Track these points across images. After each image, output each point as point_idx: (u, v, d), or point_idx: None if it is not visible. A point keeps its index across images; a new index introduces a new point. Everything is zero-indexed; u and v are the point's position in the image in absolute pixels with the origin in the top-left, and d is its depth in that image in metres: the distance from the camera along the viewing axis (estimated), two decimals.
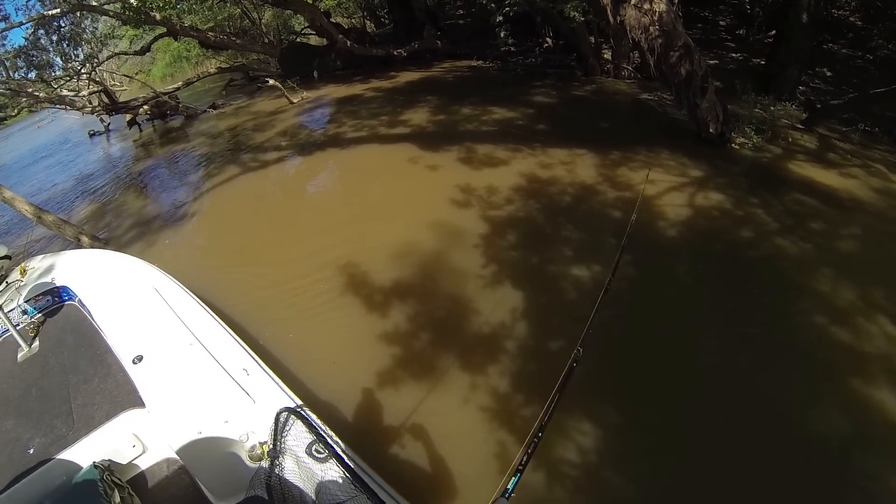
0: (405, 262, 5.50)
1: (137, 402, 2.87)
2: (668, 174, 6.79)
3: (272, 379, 2.84)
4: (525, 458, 1.82)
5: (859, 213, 6.31)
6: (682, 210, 6.03)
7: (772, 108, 9.17)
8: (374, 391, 4.02)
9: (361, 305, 4.98)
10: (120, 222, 7.72)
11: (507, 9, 10.61)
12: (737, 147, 7.67)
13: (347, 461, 2.23)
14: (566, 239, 5.75)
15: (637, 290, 4.90)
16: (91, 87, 13.77)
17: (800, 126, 8.72)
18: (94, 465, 2.51)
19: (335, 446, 2.29)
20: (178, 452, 2.68)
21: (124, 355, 3.16)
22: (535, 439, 1.88)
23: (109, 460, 2.71)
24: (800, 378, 4.09)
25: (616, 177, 6.86)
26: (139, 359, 3.09)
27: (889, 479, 3.41)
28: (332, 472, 2.20)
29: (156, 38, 15.69)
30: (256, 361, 2.98)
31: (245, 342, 3.17)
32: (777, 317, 4.63)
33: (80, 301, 3.79)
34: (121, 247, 6.84)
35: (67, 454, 2.66)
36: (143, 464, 2.83)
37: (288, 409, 2.41)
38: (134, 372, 3.04)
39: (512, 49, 13.85)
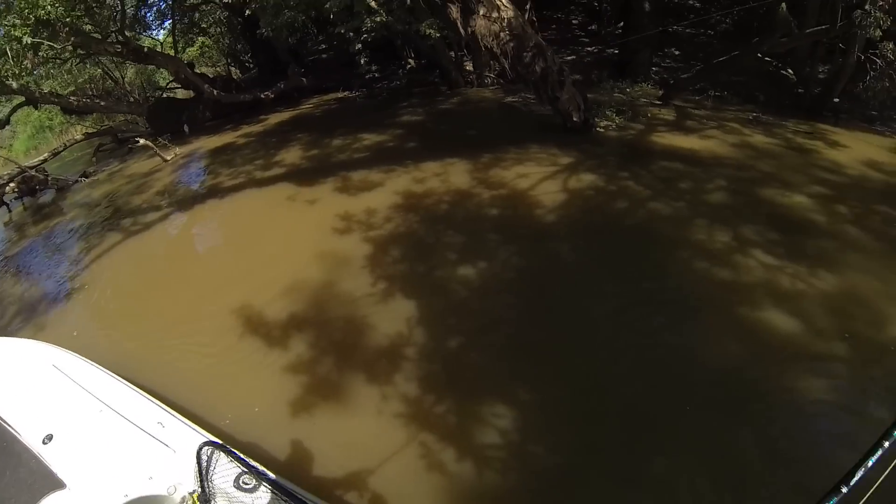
0: (298, 296, 5.26)
1: (57, 484, 2.61)
2: (540, 166, 6.81)
3: (189, 426, 2.82)
4: None
5: (721, 167, 6.64)
6: (557, 196, 6.07)
7: (629, 90, 9.54)
8: (289, 420, 3.86)
9: (262, 344, 4.74)
10: (1, 311, 6.85)
11: (364, 36, 10.48)
12: (602, 130, 7.85)
13: (278, 481, 2.27)
14: (448, 244, 5.64)
15: (526, 276, 4.99)
16: None
17: (657, 102, 9.11)
18: None
19: (262, 470, 2.31)
20: None
21: (32, 439, 2.87)
22: None
23: None
24: (694, 320, 4.35)
25: (489, 177, 6.81)
26: (49, 438, 2.85)
27: (789, 384, 3.72)
28: (265, 498, 2.20)
29: (14, 109, 14.33)
30: (169, 413, 2.94)
31: (155, 398, 3.10)
32: (662, 271, 4.85)
33: None
34: (8, 335, 6.12)
35: None
36: None
37: (208, 444, 2.35)
38: (46, 453, 2.78)
39: (376, 75, 13.77)
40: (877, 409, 3.87)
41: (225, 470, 2.30)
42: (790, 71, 10.08)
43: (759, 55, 9.07)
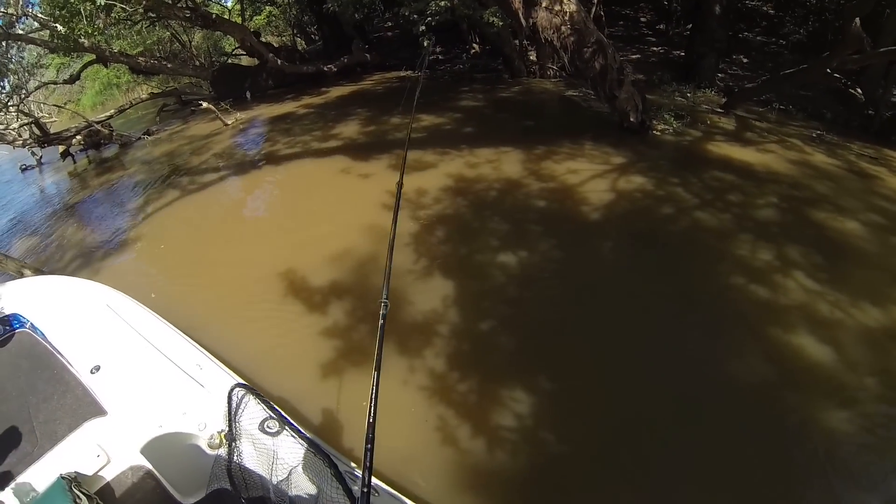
0: (342, 265, 5.49)
1: (99, 411, 2.87)
2: (592, 163, 6.87)
3: (224, 370, 2.99)
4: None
5: (775, 183, 6.55)
6: (605, 195, 6.13)
7: (690, 95, 9.42)
8: (319, 380, 4.11)
9: (303, 307, 5.00)
10: (62, 254, 7.32)
11: (428, 19, 10.62)
12: (658, 133, 7.82)
13: (300, 429, 2.37)
14: (492, 230, 5.79)
15: (564, 270, 5.09)
16: (20, 119, 13.14)
17: (719, 110, 8.97)
18: (62, 477, 2.46)
19: (286, 417, 2.42)
20: (142, 452, 2.65)
21: (82, 368, 3.14)
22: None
23: (76, 472, 2.62)
24: (724, 335, 4.35)
25: (540, 169, 6.90)
26: (97, 368, 3.09)
27: (812, 412, 3.70)
28: (286, 443, 2.32)
29: (85, 66, 14.98)
30: (208, 356, 3.10)
31: (197, 343, 3.29)
32: (700, 281, 4.87)
33: (31, 325, 3.67)
34: (68, 275, 6.60)
35: (33, 470, 2.62)
36: (109, 474, 2.71)
37: (239, 385, 2.52)
38: (92, 382, 3.03)
39: (440, 57, 13.91)
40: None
41: (252, 413, 2.44)
42: (860, 90, 9.78)
43: (828, 71, 8.82)
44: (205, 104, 12.79)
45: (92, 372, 3.08)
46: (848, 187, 6.86)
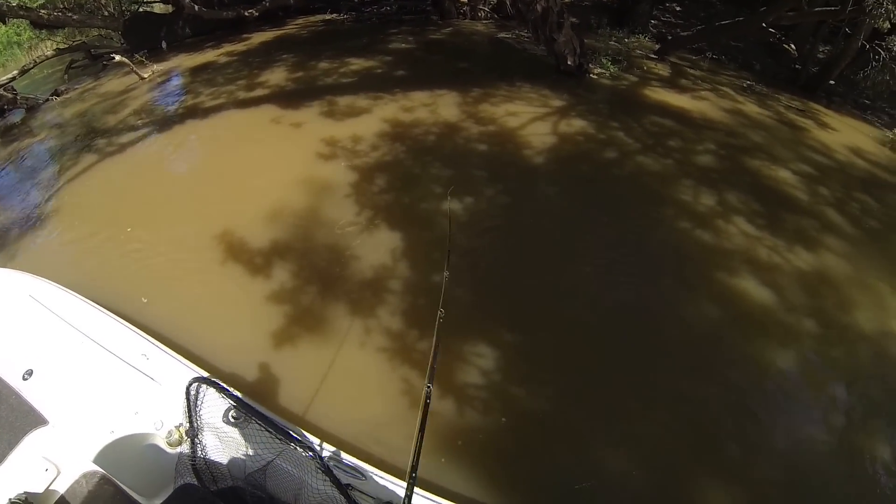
0: (281, 222, 5.11)
1: (39, 421, 2.51)
2: (531, 106, 6.66)
3: (175, 358, 2.75)
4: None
5: (711, 130, 6.62)
6: (546, 138, 5.96)
7: (626, 40, 9.32)
8: (273, 351, 3.83)
9: (245, 272, 4.62)
10: None
11: None
12: (595, 77, 7.69)
13: (267, 415, 2.17)
14: (435, 176, 5.52)
15: (512, 216, 4.95)
16: None
17: (653, 56, 8.94)
18: (10, 501, 2.19)
19: (254, 406, 2.19)
20: (95, 462, 2.36)
21: (11, 375, 2.72)
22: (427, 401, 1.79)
23: (25, 492, 2.31)
24: (673, 276, 4.44)
25: (478, 112, 6.62)
26: (29, 373, 2.71)
27: (757, 351, 3.93)
28: (255, 433, 2.14)
29: None
30: (154, 344, 2.83)
31: (138, 328, 2.98)
32: (646, 226, 4.87)
33: None
34: None
35: None
36: (62, 486, 2.40)
37: (198, 379, 2.23)
38: (27, 389, 2.65)
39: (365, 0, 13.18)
40: (834, 388, 4.06)
41: (214, 404, 2.24)
42: (792, 46, 10.02)
43: (763, 25, 8.95)
44: (117, 57, 11.58)
45: (24, 378, 2.69)
46: (779, 137, 7.03)
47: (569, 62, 7.56)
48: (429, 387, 1.90)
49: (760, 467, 3.40)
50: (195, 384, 2.22)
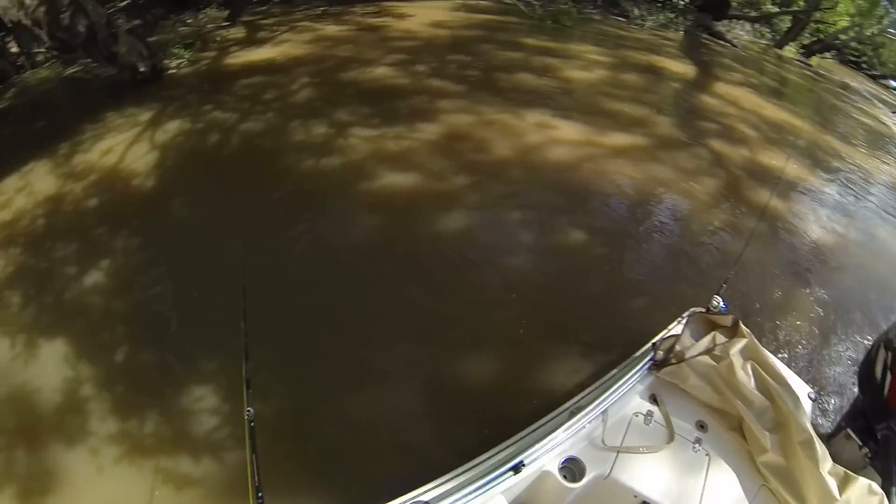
0: None
1: None
2: (122, 133, 6.11)
3: None
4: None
5: (301, 66, 6.88)
6: (149, 156, 5.58)
7: (192, 20, 9.05)
8: None
9: None
10: None
11: None
12: (175, 71, 7.36)
13: None
14: (62, 260, 4.72)
15: (152, 249, 4.63)
16: None
17: (225, 24, 8.82)
18: None
19: None
20: None
21: None
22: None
23: None
24: (323, 211, 4.61)
25: (74, 169, 5.79)
26: None
27: (435, 227, 4.32)
28: None
29: None
30: None
31: None
32: (277, 181, 4.93)
33: None
34: None
35: None
36: None
37: None
38: None
39: None
40: (512, 214, 4.68)
41: None
42: None
43: None
44: None
45: None
46: (364, 42, 7.58)
47: (141, 69, 7.10)
48: (249, 411, 1.78)
49: (500, 307, 3.83)
50: None
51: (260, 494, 1.51)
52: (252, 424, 1.73)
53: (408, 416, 3.23)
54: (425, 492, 1.92)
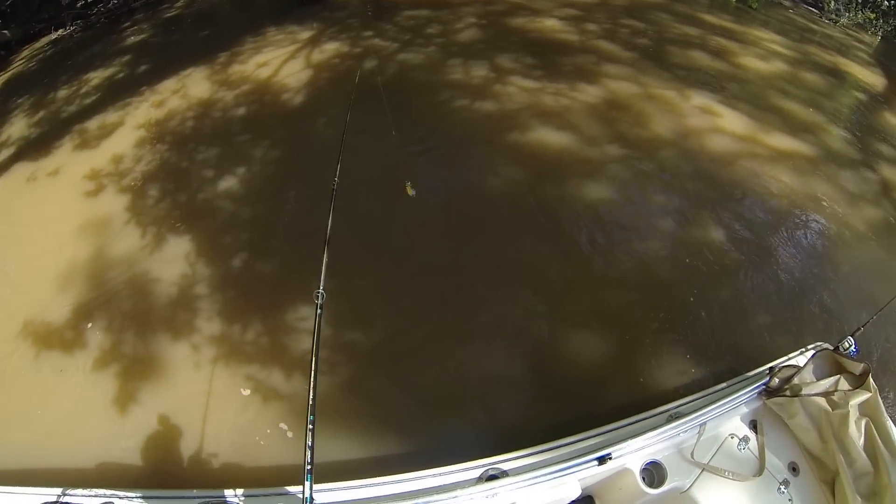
0: (72, 284, 4.21)
1: None
2: (279, 48, 6.14)
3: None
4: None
5: (467, 5, 6.58)
6: (302, 74, 5.56)
7: None
8: (119, 417, 3.19)
9: (61, 353, 3.75)
10: None
11: None
12: None
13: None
14: (202, 161, 4.95)
15: (286, 164, 4.62)
16: None
17: None
18: None
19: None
20: None
21: None
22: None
23: None
24: (469, 155, 4.38)
25: (229, 77, 6.01)
26: None
27: (571, 191, 4.05)
28: None
29: None
30: None
31: None
32: (427, 118, 4.72)
33: None
34: None
35: None
36: None
37: None
38: None
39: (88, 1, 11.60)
40: (657, 195, 4.25)
41: None
42: None
43: None
44: None
45: None
46: None
47: None
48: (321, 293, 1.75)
49: (620, 289, 3.58)
50: None
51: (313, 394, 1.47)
52: (321, 311, 1.71)
53: (501, 378, 3.12)
54: (504, 461, 1.96)
